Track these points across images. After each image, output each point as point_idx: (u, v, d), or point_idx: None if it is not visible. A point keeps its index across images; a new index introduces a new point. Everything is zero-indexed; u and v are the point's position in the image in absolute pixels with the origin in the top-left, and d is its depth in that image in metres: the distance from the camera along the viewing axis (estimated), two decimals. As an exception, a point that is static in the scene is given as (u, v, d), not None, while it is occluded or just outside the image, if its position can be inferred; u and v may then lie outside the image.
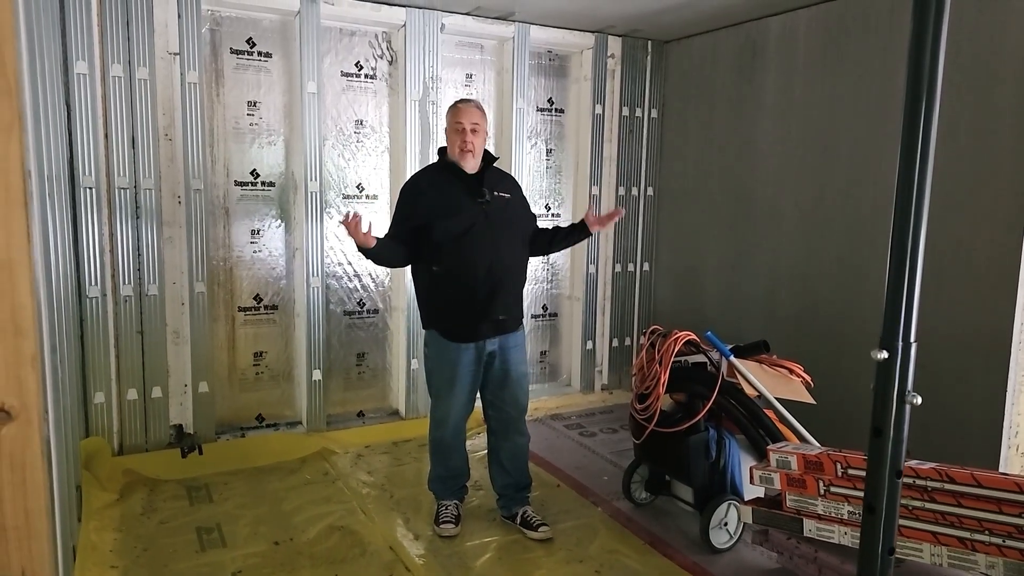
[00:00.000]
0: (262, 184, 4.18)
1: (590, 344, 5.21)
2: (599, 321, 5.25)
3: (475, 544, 3.19)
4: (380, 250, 3.01)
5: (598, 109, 4.98)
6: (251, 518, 3.37)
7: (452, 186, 3.12)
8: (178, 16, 3.74)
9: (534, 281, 5.08)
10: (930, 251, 1.31)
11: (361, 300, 4.54)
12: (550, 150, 5.06)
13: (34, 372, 1.56)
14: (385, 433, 4.44)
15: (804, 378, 3.32)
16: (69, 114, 3.50)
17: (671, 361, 3.14)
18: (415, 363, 4.49)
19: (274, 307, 4.31)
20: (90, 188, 3.59)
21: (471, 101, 3.17)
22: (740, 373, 3.16)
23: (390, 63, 4.44)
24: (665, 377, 3.12)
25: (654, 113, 5.21)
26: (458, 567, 3.00)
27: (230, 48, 4.02)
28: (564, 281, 5.25)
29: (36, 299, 1.68)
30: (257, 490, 3.69)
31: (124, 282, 3.76)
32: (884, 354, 1.30)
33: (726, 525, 3.14)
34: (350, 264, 4.45)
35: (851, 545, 2.55)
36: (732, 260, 4.65)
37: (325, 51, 4.21)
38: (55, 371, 2.36)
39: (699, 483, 3.17)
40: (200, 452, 3.93)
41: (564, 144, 5.11)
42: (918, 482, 2.39)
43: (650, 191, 5.27)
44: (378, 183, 4.50)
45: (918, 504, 2.39)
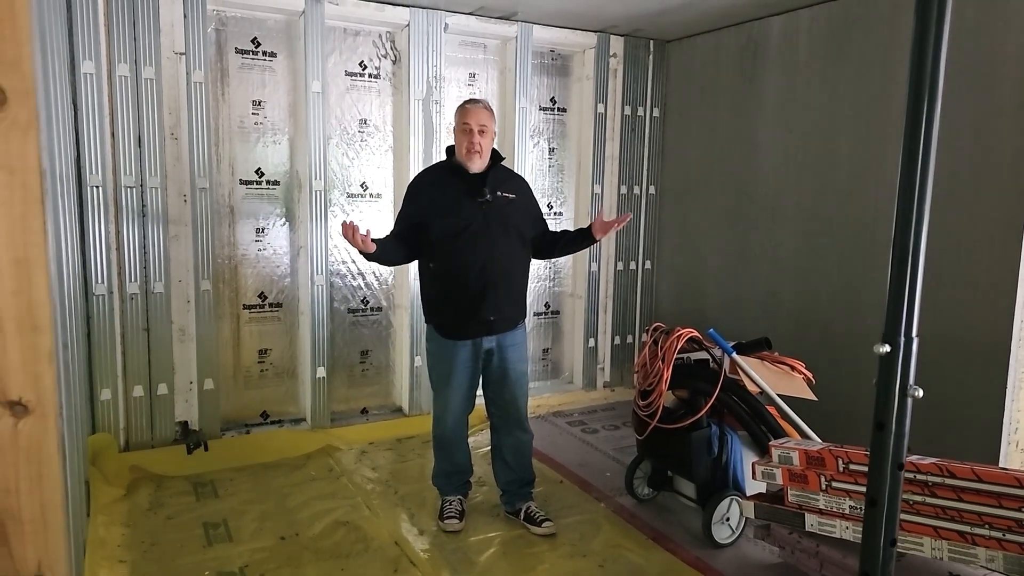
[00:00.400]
0: (267, 183, 4.21)
1: (592, 342, 5.24)
2: (601, 319, 5.27)
3: (479, 539, 3.22)
4: (381, 252, 3.03)
5: (600, 108, 5.01)
6: (257, 513, 3.40)
7: (453, 185, 3.15)
8: (184, 16, 3.76)
9: (536, 279, 5.11)
10: (931, 249, 1.33)
11: (365, 298, 4.57)
12: (552, 149, 5.09)
13: (50, 367, 1.59)
14: (389, 430, 4.47)
15: (806, 375, 3.35)
16: (76, 114, 3.53)
17: (674, 358, 3.16)
18: (418, 360, 4.52)
19: (279, 305, 4.34)
20: (97, 187, 3.62)
21: (479, 101, 3.17)
22: (742, 370, 3.19)
23: (394, 63, 4.46)
24: (668, 374, 3.14)
25: (656, 112, 5.23)
26: (462, 562, 3.03)
27: (235, 48, 4.04)
28: (566, 279, 5.27)
29: (52, 296, 1.71)
30: (262, 486, 3.71)
31: (130, 280, 3.79)
32: (886, 348, 1.32)
33: (728, 520, 3.17)
34: (354, 262, 4.48)
35: (853, 539, 2.58)
36: (734, 258, 4.68)
37: (329, 51, 4.23)
38: (67, 368, 2.38)
39: (701, 479, 3.20)
40: (206, 448, 3.96)
41: (566, 143, 5.13)
42: (919, 477, 2.42)
43: (652, 190, 5.29)
44: (382, 182, 4.53)
45: (919, 499, 2.42)
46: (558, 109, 5.07)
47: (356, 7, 4.18)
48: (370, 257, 3.04)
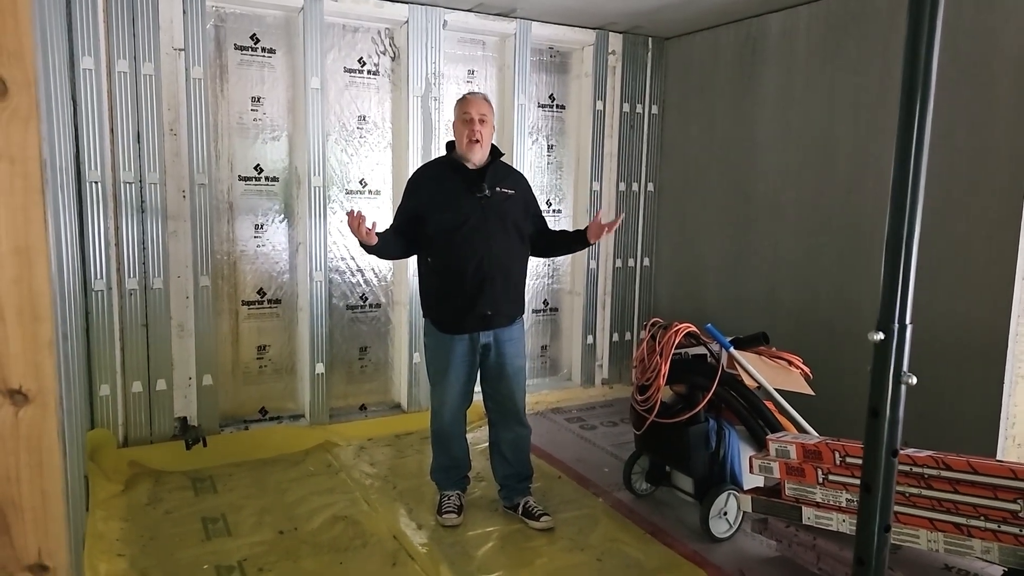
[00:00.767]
0: (266, 179, 4.22)
1: (590, 339, 5.25)
2: (599, 316, 5.29)
3: (477, 533, 3.23)
4: (380, 245, 3.05)
5: (599, 105, 5.02)
6: (255, 508, 3.41)
7: (452, 180, 3.16)
8: (183, 12, 3.77)
9: (535, 276, 5.12)
10: (928, 246, 1.34)
11: (363, 294, 4.58)
12: (551, 146, 5.10)
13: (50, 356, 1.60)
14: (387, 426, 4.47)
15: (803, 370, 3.36)
16: (75, 109, 3.53)
17: (671, 353, 3.17)
18: (417, 357, 4.53)
19: (277, 301, 4.35)
20: (96, 182, 3.63)
21: (479, 93, 3.21)
22: (740, 364, 3.20)
23: (393, 59, 4.47)
24: (666, 369, 3.15)
25: (655, 109, 5.24)
26: (461, 556, 3.04)
27: (234, 44, 4.05)
28: (565, 276, 5.28)
29: (52, 286, 1.72)
30: (261, 481, 3.72)
31: (129, 275, 3.79)
32: (880, 335, 1.33)
33: (726, 514, 3.18)
34: (353, 259, 4.48)
35: (849, 532, 2.59)
36: (732, 255, 4.69)
37: (328, 47, 4.24)
38: (67, 359, 2.39)
39: (699, 473, 3.21)
40: (204, 444, 3.96)
41: (565, 140, 5.14)
42: (915, 469, 2.43)
43: (651, 187, 5.30)
44: (380, 179, 4.54)
45: (915, 491, 2.43)
46: (557, 106, 5.08)
47: (355, 3, 4.19)
48: (369, 250, 3.05)
